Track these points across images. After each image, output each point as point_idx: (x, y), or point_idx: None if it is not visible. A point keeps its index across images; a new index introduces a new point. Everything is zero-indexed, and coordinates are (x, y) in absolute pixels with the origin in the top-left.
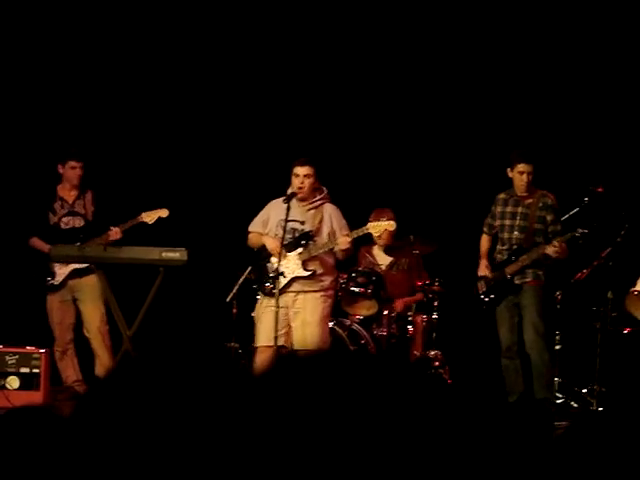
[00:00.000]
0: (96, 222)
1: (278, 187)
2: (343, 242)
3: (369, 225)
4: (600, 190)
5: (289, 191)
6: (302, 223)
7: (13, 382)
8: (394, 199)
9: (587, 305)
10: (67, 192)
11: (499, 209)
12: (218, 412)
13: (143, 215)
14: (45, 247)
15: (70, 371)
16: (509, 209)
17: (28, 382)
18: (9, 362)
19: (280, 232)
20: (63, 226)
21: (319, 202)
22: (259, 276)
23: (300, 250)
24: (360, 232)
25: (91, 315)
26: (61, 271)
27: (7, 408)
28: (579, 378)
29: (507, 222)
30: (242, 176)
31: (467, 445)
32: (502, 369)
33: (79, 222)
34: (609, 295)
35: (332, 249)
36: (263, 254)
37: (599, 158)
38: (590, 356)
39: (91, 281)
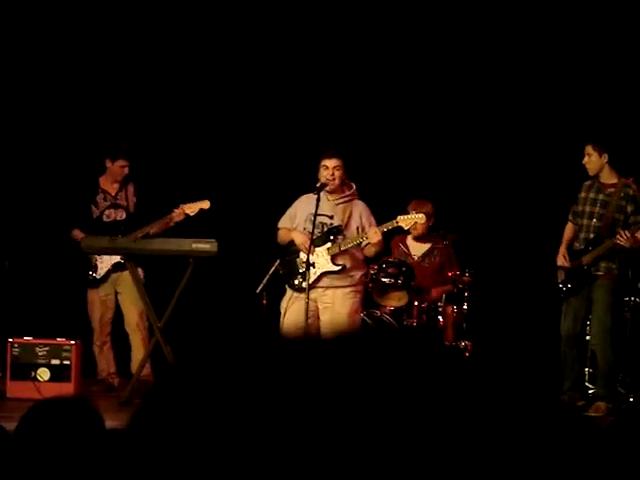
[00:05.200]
0: (138, 214)
1: (308, 179)
2: (373, 235)
3: (399, 218)
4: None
5: (318, 184)
6: (331, 217)
7: (44, 374)
8: (427, 190)
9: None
10: (110, 184)
11: (583, 194)
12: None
13: (185, 207)
14: None
15: (105, 364)
16: (592, 195)
17: (59, 374)
18: (40, 354)
19: (308, 226)
20: (105, 219)
21: (348, 198)
22: (288, 271)
23: (329, 245)
24: (390, 225)
25: (131, 310)
26: (103, 265)
27: (38, 400)
28: (615, 371)
29: (587, 208)
30: (272, 168)
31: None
32: (561, 356)
33: (121, 215)
34: (639, 285)
35: (361, 244)
36: (292, 249)
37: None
38: (620, 346)
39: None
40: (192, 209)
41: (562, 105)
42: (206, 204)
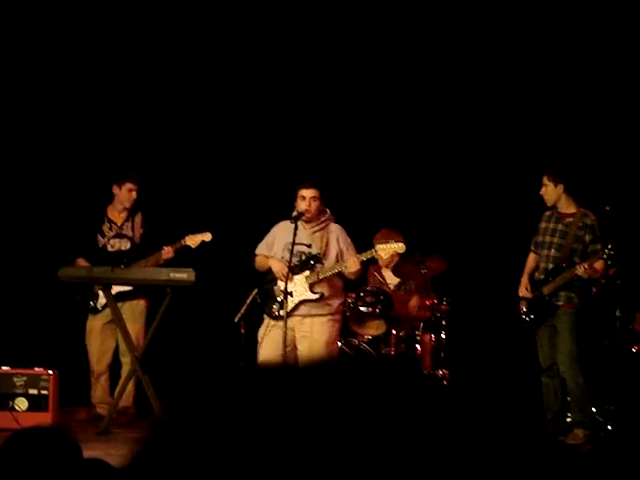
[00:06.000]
0: (143, 245)
1: (284, 209)
2: (352, 264)
3: (378, 247)
4: (608, 209)
5: (295, 213)
6: (308, 246)
7: (22, 403)
8: (401, 218)
9: (596, 323)
10: (116, 214)
11: (543, 224)
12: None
13: (187, 238)
14: None
15: (100, 393)
16: (551, 225)
17: (37, 403)
18: (17, 383)
19: (286, 255)
20: (110, 249)
21: (324, 224)
22: (265, 299)
23: (307, 273)
24: (369, 254)
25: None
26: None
27: (16, 430)
28: (588, 396)
29: (547, 239)
30: (248, 197)
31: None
32: (542, 387)
33: (125, 245)
34: (617, 313)
35: (340, 272)
36: (269, 277)
37: (606, 176)
38: (599, 374)
39: (133, 305)
40: (194, 241)
41: (526, 136)
42: (207, 237)
